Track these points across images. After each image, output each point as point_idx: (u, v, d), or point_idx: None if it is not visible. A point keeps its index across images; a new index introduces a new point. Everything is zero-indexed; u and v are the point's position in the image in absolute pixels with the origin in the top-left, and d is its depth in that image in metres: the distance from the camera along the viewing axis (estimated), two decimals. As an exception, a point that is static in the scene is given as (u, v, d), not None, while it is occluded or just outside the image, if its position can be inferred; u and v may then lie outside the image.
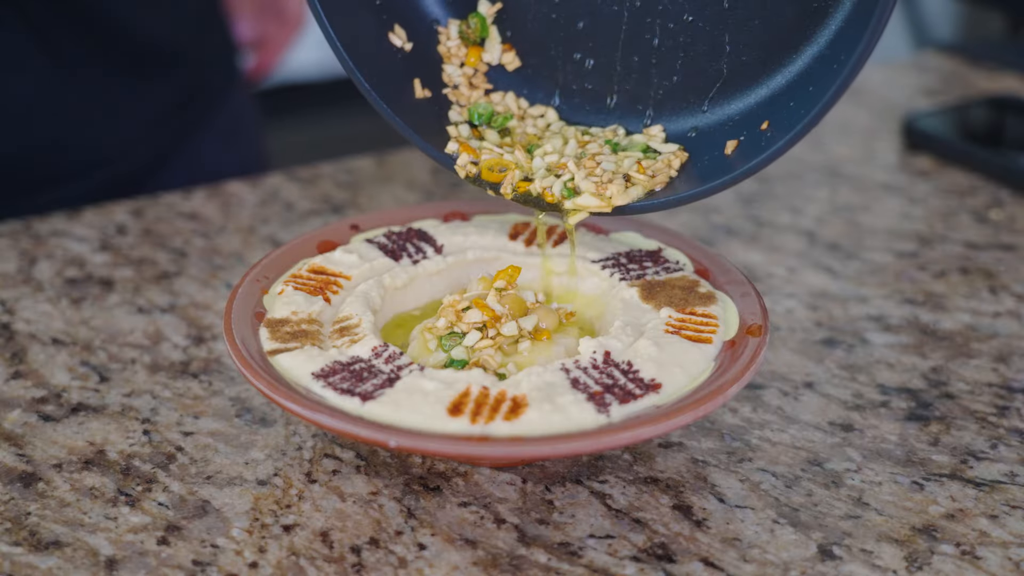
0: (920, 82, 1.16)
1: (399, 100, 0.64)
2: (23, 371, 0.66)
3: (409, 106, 0.64)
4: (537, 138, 0.65)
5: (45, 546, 0.53)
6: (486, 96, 0.66)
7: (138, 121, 0.99)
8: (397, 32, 0.65)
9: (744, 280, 0.63)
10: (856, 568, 0.53)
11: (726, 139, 0.60)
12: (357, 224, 0.69)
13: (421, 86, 0.65)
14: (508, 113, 0.66)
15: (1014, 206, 0.89)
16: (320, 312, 0.60)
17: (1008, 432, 0.62)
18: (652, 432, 0.51)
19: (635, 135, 0.64)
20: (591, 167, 0.61)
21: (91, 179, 0.97)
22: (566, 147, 0.63)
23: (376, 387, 0.54)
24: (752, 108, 0.60)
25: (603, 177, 0.60)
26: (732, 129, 0.60)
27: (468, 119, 0.65)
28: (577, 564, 0.53)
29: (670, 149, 0.62)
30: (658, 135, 0.63)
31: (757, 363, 0.55)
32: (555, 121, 0.66)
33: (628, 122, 0.65)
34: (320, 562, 0.53)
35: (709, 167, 0.60)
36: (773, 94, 0.59)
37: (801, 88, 0.57)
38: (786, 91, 0.58)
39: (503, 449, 0.51)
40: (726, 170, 0.58)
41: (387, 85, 0.64)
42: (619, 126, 0.65)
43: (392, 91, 0.64)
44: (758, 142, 0.58)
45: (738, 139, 0.59)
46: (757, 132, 0.58)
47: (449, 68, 0.66)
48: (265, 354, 0.57)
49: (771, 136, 0.57)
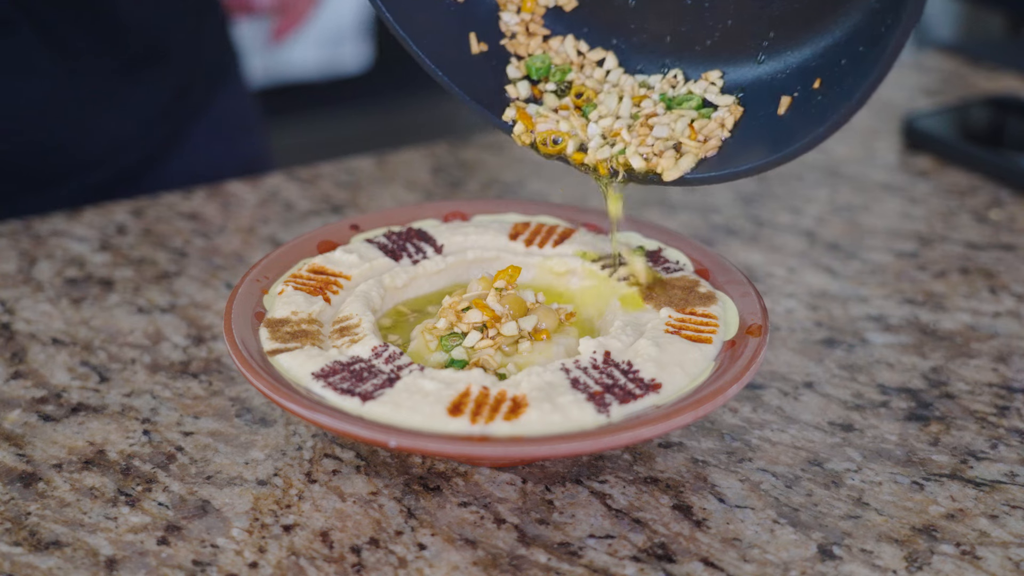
0: (920, 82, 1.16)
1: (455, 62, 0.63)
2: (23, 371, 0.66)
3: (465, 67, 0.63)
4: (595, 94, 0.63)
5: (45, 546, 0.53)
6: (544, 43, 0.65)
7: (139, 116, 0.99)
8: None
9: (744, 280, 0.63)
10: (856, 568, 0.53)
11: (780, 93, 0.58)
12: (357, 224, 0.69)
13: (477, 40, 0.64)
14: (566, 65, 0.64)
15: (1014, 206, 0.89)
16: (320, 312, 0.60)
17: (1008, 432, 0.62)
18: (652, 432, 0.51)
19: (693, 83, 0.63)
20: (643, 135, 0.60)
21: (94, 175, 0.97)
22: (620, 106, 0.62)
23: (376, 387, 0.54)
24: (807, 61, 0.59)
25: (654, 148, 0.60)
26: (786, 81, 0.59)
27: (526, 74, 0.64)
28: (577, 564, 0.53)
29: (726, 102, 0.61)
30: (717, 82, 0.62)
31: (757, 363, 0.55)
32: (614, 68, 0.64)
33: (687, 66, 0.63)
34: (320, 562, 0.53)
35: (763, 130, 0.59)
36: (827, 48, 0.58)
37: (853, 47, 0.56)
38: (838, 47, 0.57)
39: (503, 449, 0.51)
40: (777, 141, 0.56)
41: (441, 47, 0.62)
42: (679, 70, 0.63)
43: (448, 53, 0.63)
44: (809, 104, 0.56)
45: (792, 95, 0.58)
46: (810, 92, 0.57)
47: (505, 16, 0.65)
48: (265, 354, 0.57)
49: (822, 100, 0.56)
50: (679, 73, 0.63)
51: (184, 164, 1.03)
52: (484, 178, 0.93)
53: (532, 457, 0.54)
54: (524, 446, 0.51)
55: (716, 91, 0.62)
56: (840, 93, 0.55)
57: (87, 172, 0.97)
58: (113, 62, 0.96)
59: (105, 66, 0.95)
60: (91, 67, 0.94)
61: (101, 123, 0.97)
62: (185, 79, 1.03)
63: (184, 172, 1.01)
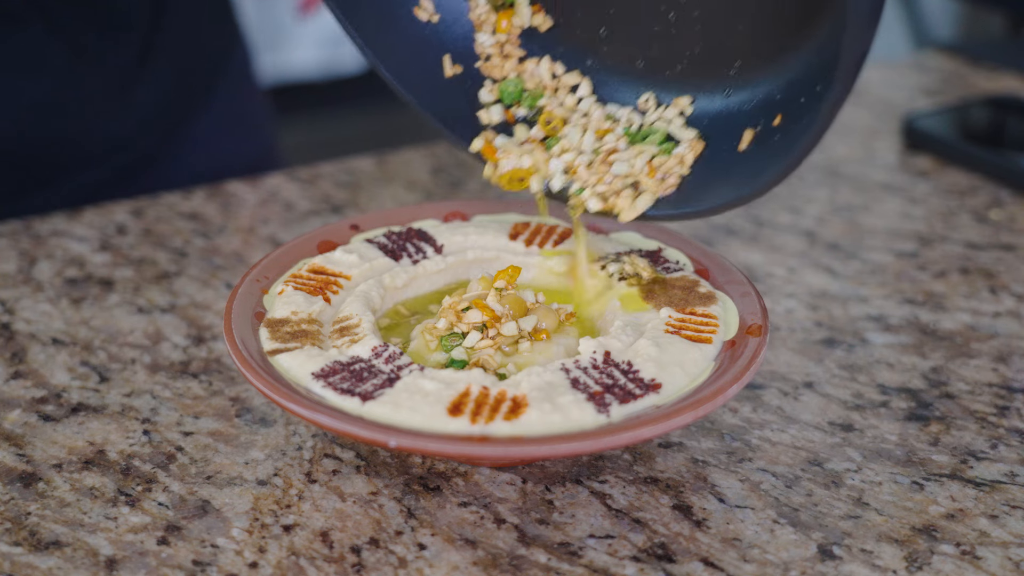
0: (920, 82, 1.16)
1: (425, 84, 0.63)
2: (23, 371, 0.66)
3: (438, 91, 0.63)
4: (563, 122, 0.64)
5: (45, 546, 0.53)
6: (520, 64, 0.65)
7: (142, 110, 0.99)
8: (423, 5, 0.64)
9: (744, 280, 0.63)
10: (856, 568, 0.53)
11: (744, 126, 0.59)
12: (357, 224, 0.69)
13: (452, 62, 0.64)
14: (539, 90, 0.65)
15: (1014, 206, 0.89)
16: (320, 312, 0.60)
17: (1008, 432, 0.62)
18: (652, 432, 0.51)
19: (664, 108, 0.63)
20: (602, 172, 0.61)
21: (95, 171, 0.97)
22: (583, 140, 0.63)
23: (376, 387, 0.54)
24: (771, 94, 0.59)
25: (612, 185, 0.60)
26: (751, 114, 0.59)
27: (498, 98, 0.65)
28: (577, 564, 0.53)
29: (689, 136, 0.61)
30: (687, 110, 0.62)
31: (757, 363, 0.55)
32: (587, 96, 0.65)
33: (659, 91, 0.63)
34: (320, 562, 0.53)
35: (723, 169, 0.59)
36: (789, 83, 0.58)
37: (809, 84, 0.56)
38: (799, 83, 0.57)
39: (503, 449, 0.51)
40: (737, 183, 0.57)
41: (411, 68, 0.62)
42: (651, 94, 0.63)
43: (417, 74, 0.62)
44: (768, 142, 0.57)
45: (755, 129, 0.58)
46: (771, 128, 0.57)
47: (481, 36, 0.65)
48: (265, 354, 0.57)
49: (780, 139, 0.56)
50: (651, 97, 0.64)
51: (189, 159, 1.03)
52: (484, 178, 0.93)
53: (532, 457, 0.54)
54: (524, 446, 0.51)
55: (682, 122, 0.62)
56: (797, 131, 0.55)
57: (89, 168, 0.97)
58: (117, 57, 0.96)
59: (109, 60, 0.95)
60: (97, 61, 0.94)
61: (103, 119, 0.97)
62: (186, 64, 1.02)
63: (188, 168, 1.01)
